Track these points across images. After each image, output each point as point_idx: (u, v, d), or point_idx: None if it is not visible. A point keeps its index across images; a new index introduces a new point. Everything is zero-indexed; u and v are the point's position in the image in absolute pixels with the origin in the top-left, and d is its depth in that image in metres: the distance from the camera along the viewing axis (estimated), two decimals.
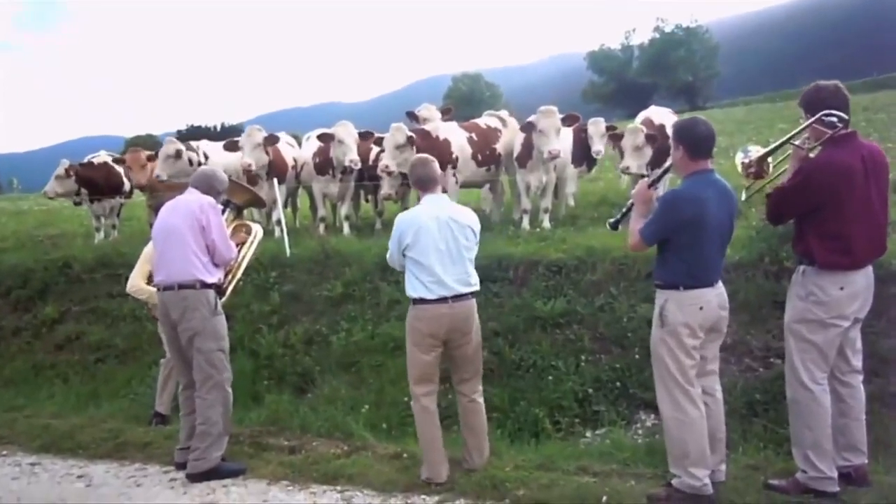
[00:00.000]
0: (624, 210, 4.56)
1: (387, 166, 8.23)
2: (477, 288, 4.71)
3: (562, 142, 8.40)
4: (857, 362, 4.17)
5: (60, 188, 10.54)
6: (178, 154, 9.15)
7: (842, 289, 3.96)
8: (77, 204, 11.43)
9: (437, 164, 4.77)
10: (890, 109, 16.07)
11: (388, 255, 4.83)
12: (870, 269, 4.07)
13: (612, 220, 4.70)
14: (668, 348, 4.06)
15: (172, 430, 5.76)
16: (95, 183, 10.46)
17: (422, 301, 4.56)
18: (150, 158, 9.50)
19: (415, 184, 4.82)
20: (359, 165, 8.79)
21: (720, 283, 4.14)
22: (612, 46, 62.65)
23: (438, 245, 4.52)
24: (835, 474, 3.99)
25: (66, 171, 10.46)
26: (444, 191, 5.14)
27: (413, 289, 4.59)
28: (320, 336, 7.11)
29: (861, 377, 4.19)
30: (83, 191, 10.65)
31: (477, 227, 4.72)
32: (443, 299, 4.52)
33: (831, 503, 3.93)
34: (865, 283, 4.04)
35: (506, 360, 6.20)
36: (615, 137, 8.74)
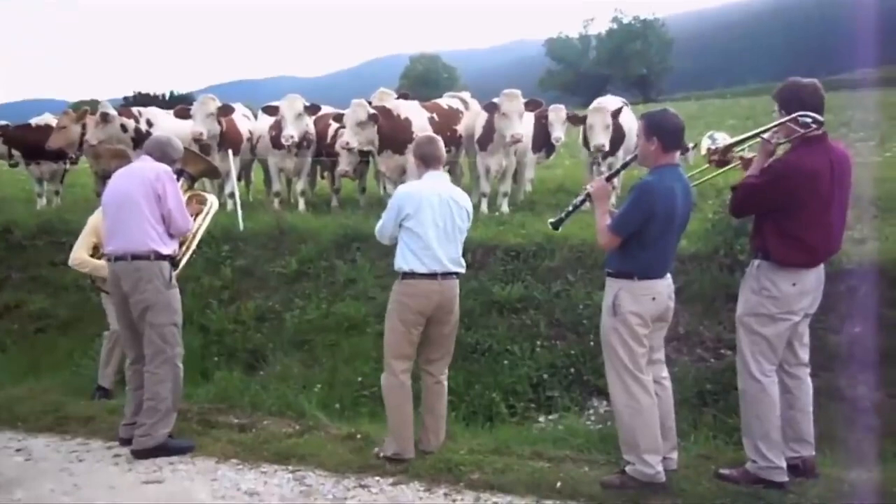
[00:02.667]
0: (569, 209, 4.58)
1: (347, 143, 8.11)
2: (463, 270, 4.74)
3: (524, 127, 8.40)
4: (805, 356, 4.27)
5: None
6: (105, 118, 8.89)
7: (794, 285, 4.03)
8: (13, 166, 11.07)
9: (442, 144, 4.80)
10: (837, 111, 16.48)
11: (378, 227, 4.77)
12: (821, 266, 4.15)
13: (553, 219, 4.73)
14: (619, 337, 4.09)
15: (116, 404, 5.58)
16: (28, 145, 10.09)
17: (412, 275, 4.53)
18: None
19: (419, 158, 4.76)
20: (290, 142, 8.54)
21: (669, 274, 4.21)
22: (571, 35, 62.91)
23: (437, 221, 4.51)
24: (784, 464, 4.07)
25: None
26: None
27: (404, 260, 4.55)
28: (273, 313, 6.99)
29: (808, 370, 4.29)
30: (14, 152, 10.29)
31: (471, 211, 4.77)
32: (433, 275, 4.51)
33: (780, 493, 4.01)
34: (816, 281, 4.13)
35: (462, 344, 6.14)
36: (576, 119, 8.85)
